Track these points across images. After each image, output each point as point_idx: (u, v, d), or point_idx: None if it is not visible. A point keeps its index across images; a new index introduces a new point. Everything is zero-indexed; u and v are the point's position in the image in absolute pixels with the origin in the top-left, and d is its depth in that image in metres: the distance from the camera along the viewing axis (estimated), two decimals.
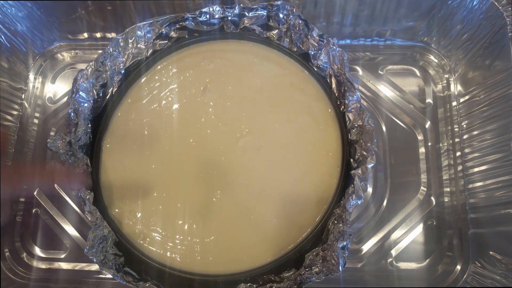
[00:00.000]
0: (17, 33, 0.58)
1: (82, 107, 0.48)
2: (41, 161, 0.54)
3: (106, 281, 0.54)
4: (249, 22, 0.52)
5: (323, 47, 0.49)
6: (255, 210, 0.46)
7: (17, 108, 0.60)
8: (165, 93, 0.50)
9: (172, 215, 0.46)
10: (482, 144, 0.53)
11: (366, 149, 0.45)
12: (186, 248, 0.45)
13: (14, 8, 0.56)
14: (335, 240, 0.42)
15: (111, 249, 0.44)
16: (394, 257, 0.53)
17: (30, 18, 0.58)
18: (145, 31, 0.51)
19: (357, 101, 0.46)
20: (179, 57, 0.52)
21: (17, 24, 0.57)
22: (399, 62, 0.61)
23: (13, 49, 0.59)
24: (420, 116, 0.58)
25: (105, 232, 0.44)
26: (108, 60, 0.50)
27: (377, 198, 0.55)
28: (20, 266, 0.55)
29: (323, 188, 0.47)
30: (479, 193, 0.53)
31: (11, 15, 0.56)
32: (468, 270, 0.52)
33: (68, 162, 0.46)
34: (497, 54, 0.50)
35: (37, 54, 0.63)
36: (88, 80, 0.48)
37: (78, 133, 0.47)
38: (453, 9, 0.54)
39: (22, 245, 0.56)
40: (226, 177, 0.47)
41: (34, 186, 0.46)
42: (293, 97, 0.50)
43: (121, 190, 0.48)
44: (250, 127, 0.49)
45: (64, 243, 0.55)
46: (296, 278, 0.42)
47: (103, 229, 0.44)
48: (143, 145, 0.49)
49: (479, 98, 0.54)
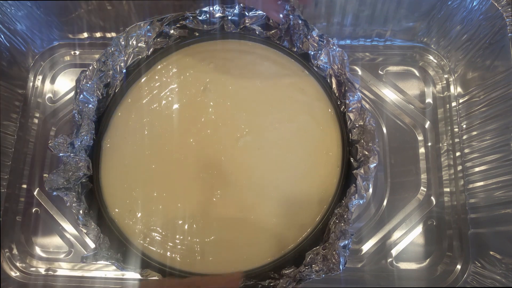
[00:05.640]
0: (17, 33, 0.58)
1: (87, 108, 0.48)
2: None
3: (106, 280, 0.54)
4: (249, 22, 0.52)
5: (323, 47, 0.49)
6: (255, 210, 0.46)
7: (17, 108, 0.60)
8: (165, 93, 0.50)
9: (172, 215, 0.46)
10: (481, 144, 0.53)
11: (368, 149, 0.45)
12: (186, 248, 0.45)
13: (13, 7, 0.56)
14: (337, 239, 0.42)
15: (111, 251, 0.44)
16: (394, 257, 0.53)
17: (30, 18, 0.58)
18: (146, 30, 0.51)
19: (358, 101, 0.46)
20: (179, 57, 0.52)
21: (16, 24, 0.57)
22: (399, 63, 0.61)
23: (13, 49, 0.59)
24: (420, 116, 0.58)
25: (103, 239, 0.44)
26: (110, 60, 0.50)
27: (377, 198, 0.55)
28: (20, 266, 0.55)
29: (324, 188, 0.47)
30: (479, 193, 0.53)
31: (10, 14, 0.56)
32: (468, 270, 0.52)
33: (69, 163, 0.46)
34: (496, 54, 0.51)
35: (36, 53, 0.63)
36: (92, 80, 0.48)
37: (81, 134, 0.47)
38: (453, 9, 0.54)
39: (22, 245, 0.56)
40: (226, 177, 0.47)
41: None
42: (293, 97, 0.50)
43: (121, 190, 0.48)
44: (250, 127, 0.49)
45: (64, 243, 0.55)
46: (296, 275, 0.42)
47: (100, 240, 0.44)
48: (143, 145, 0.49)
49: (479, 98, 0.54)
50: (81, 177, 0.46)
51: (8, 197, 0.56)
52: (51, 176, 0.44)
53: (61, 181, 0.44)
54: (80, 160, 0.46)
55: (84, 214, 0.45)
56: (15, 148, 0.58)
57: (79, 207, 0.45)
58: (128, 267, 0.44)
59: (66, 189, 0.45)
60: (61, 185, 0.45)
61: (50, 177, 0.44)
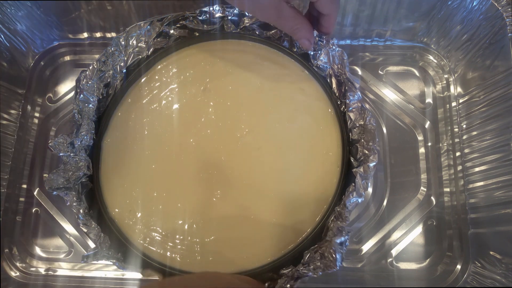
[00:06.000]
0: (17, 33, 0.58)
1: (87, 107, 0.48)
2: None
3: (106, 280, 0.54)
4: (249, 22, 0.51)
5: (323, 47, 0.49)
6: (255, 209, 0.46)
7: (17, 108, 0.60)
8: (165, 93, 0.50)
9: (172, 215, 0.46)
10: (481, 144, 0.53)
11: (368, 148, 0.45)
12: (186, 248, 0.45)
13: (13, 7, 0.56)
14: (333, 236, 0.42)
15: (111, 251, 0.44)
16: (394, 257, 0.53)
17: (30, 18, 0.58)
18: (146, 30, 0.51)
19: (358, 100, 0.46)
20: (179, 57, 0.52)
21: (16, 24, 0.57)
22: (399, 63, 0.61)
23: (13, 49, 0.59)
24: (420, 116, 0.58)
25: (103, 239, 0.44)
26: (110, 60, 0.50)
27: (377, 198, 0.55)
28: (20, 266, 0.55)
29: (323, 187, 0.47)
30: (479, 193, 0.53)
31: (10, 14, 0.56)
32: (468, 270, 0.52)
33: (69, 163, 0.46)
34: (496, 54, 0.51)
35: (36, 53, 0.63)
36: (92, 80, 0.48)
37: (81, 134, 0.47)
38: (453, 9, 0.54)
39: (22, 245, 0.56)
40: (226, 177, 0.47)
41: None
42: (293, 97, 0.50)
43: (121, 190, 0.48)
44: (250, 127, 0.49)
45: (64, 243, 0.55)
46: (293, 274, 0.42)
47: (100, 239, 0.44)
48: (143, 145, 0.49)
49: (479, 98, 0.54)
50: (81, 177, 0.46)
51: (8, 197, 0.56)
52: (51, 176, 0.44)
53: (61, 180, 0.44)
54: (80, 160, 0.46)
55: (84, 213, 0.45)
56: (15, 148, 0.58)
57: (79, 206, 0.45)
58: (129, 267, 0.44)
59: (66, 188, 0.45)
60: (61, 184, 0.45)
61: (50, 176, 0.44)
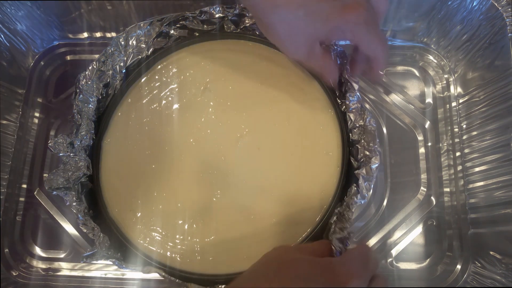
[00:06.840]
0: (17, 32, 0.58)
1: (86, 107, 0.48)
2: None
3: (106, 280, 0.54)
4: (249, 22, 0.51)
5: None
6: (255, 209, 0.46)
7: (17, 108, 0.60)
8: (165, 92, 0.50)
9: (172, 215, 0.46)
10: (481, 144, 0.53)
11: (369, 149, 0.45)
12: (186, 248, 0.45)
13: (13, 7, 0.56)
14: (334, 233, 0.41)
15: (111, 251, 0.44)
16: (394, 257, 0.53)
17: (30, 17, 0.58)
18: (146, 30, 0.51)
19: (358, 101, 0.46)
20: (179, 57, 0.52)
21: (16, 23, 0.57)
22: (399, 63, 0.61)
23: (13, 48, 0.59)
24: (420, 116, 0.58)
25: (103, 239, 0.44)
26: (110, 60, 0.50)
27: (377, 198, 0.55)
28: (20, 266, 0.55)
29: (323, 188, 0.46)
30: (479, 193, 0.53)
31: (10, 14, 0.56)
32: (468, 270, 0.52)
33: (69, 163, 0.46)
34: (496, 54, 0.51)
35: (36, 53, 0.63)
36: (91, 80, 0.48)
37: (81, 134, 0.47)
38: (453, 10, 0.54)
39: (22, 245, 0.56)
40: (226, 177, 0.47)
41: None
42: (293, 97, 0.50)
43: (121, 190, 0.48)
44: (250, 127, 0.49)
45: (64, 243, 0.55)
46: None
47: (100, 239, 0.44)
48: (143, 145, 0.49)
49: (479, 98, 0.54)
50: (81, 177, 0.46)
51: (8, 197, 0.56)
52: (51, 176, 0.44)
53: (60, 180, 0.44)
54: (80, 160, 0.46)
55: (84, 213, 0.45)
56: (15, 148, 0.58)
57: (79, 206, 0.45)
58: (129, 266, 0.44)
59: (66, 188, 0.45)
60: (61, 184, 0.44)
61: (50, 176, 0.44)
